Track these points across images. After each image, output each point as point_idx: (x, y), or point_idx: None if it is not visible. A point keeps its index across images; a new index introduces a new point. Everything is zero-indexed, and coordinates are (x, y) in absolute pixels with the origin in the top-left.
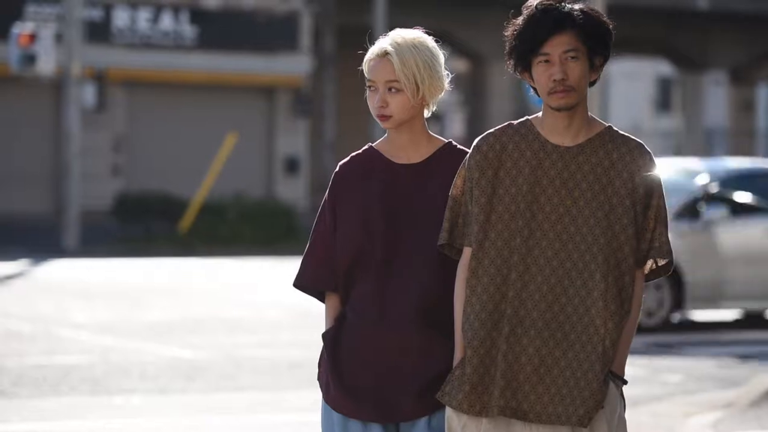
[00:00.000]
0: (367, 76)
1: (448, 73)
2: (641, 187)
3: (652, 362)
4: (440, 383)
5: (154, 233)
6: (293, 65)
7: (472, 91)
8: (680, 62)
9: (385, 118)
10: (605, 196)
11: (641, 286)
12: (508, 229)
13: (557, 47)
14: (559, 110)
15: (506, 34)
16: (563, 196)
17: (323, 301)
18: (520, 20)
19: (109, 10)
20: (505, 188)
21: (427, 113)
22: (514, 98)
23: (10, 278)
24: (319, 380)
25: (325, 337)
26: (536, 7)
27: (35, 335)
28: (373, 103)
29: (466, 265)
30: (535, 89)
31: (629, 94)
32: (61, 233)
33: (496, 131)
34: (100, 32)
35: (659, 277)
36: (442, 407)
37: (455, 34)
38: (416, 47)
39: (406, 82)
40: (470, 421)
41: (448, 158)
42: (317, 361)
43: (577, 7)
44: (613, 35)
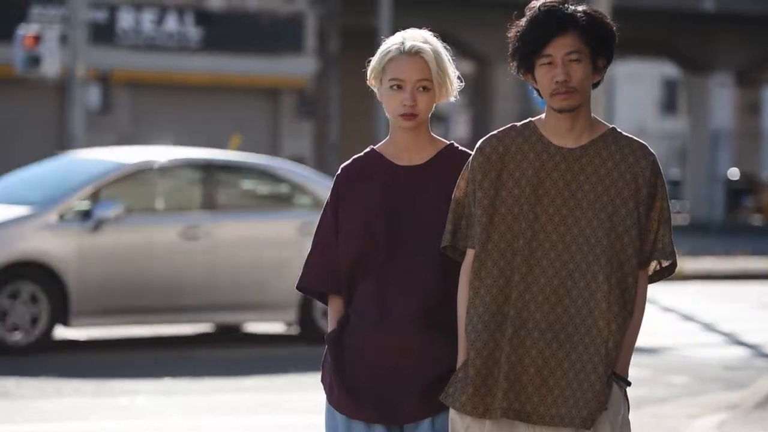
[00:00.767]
0: (391, 75)
1: (459, 75)
2: (644, 188)
3: (656, 363)
4: (442, 384)
5: None
6: (298, 67)
7: (476, 92)
8: (685, 64)
9: (412, 117)
10: (608, 197)
11: (645, 287)
12: (510, 231)
13: (560, 49)
14: (561, 112)
15: (509, 35)
16: (566, 197)
17: (326, 303)
18: (523, 21)
19: (113, 11)
20: (508, 190)
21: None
22: (518, 100)
23: None
24: (322, 381)
25: (328, 338)
26: (539, 8)
27: None
28: (397, 102)
29: (469, 267)
30: (537, 91)
31: (634, 96)
32: None
33: (498, 133)
34: (104, 34)
35: (663, 277)
36: (445, 409)
37: (460, 35)
38: (445, 48)
39: (439, 80)
40: (473, 422)
41: (450, 160)
42: (321, 362)
43: (580, 8)
44: (616, 37)
